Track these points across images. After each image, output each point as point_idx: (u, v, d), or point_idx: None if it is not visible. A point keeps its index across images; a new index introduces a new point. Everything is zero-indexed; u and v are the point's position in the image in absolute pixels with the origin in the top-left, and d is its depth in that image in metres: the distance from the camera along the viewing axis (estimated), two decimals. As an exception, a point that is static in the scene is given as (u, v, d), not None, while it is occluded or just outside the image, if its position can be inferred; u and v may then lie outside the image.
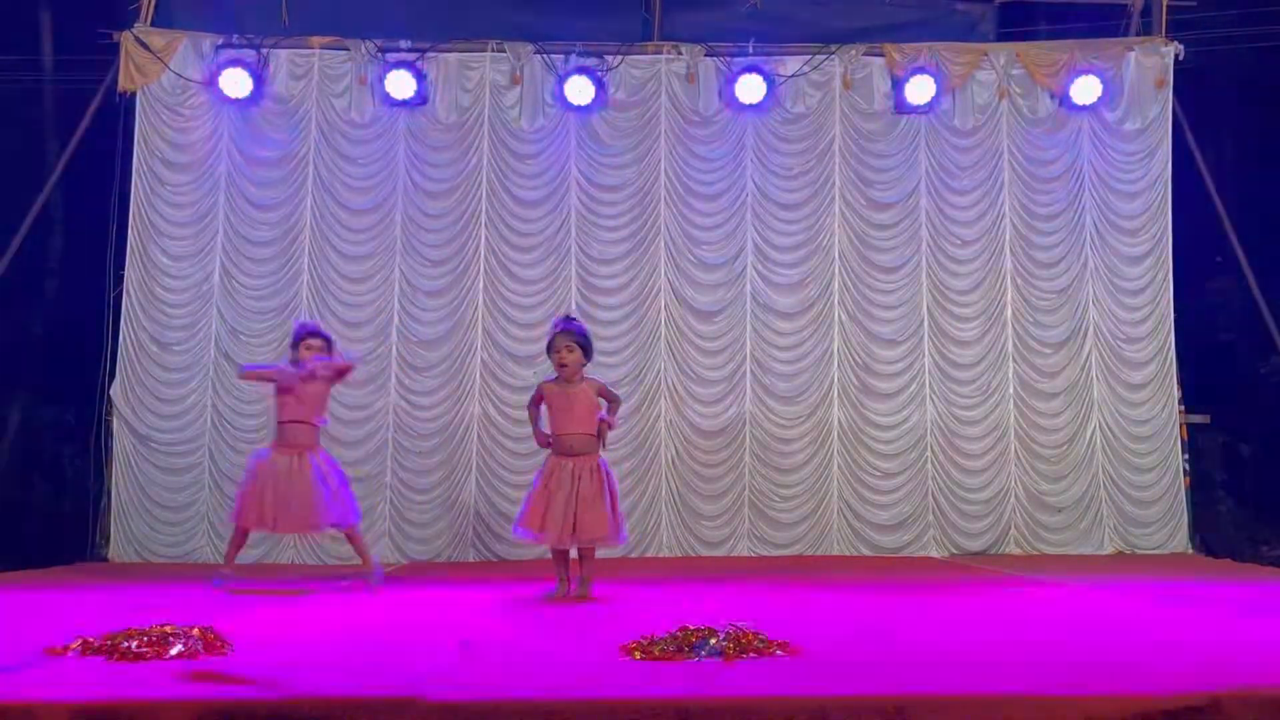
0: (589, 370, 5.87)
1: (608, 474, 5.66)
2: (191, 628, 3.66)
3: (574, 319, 6.06)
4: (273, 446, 6.31)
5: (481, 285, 8.78)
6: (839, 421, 8.79)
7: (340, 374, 6.48)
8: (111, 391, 8.46)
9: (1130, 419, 8.85)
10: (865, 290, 8.93)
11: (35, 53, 10.79)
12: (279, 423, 6.34)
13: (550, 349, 5.76)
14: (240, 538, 6.34)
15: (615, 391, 6.11)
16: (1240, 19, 9.87)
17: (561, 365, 5.69)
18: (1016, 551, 8.65)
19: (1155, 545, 8.69)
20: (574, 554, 5.77)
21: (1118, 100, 9.01)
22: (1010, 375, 8.88)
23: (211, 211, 8.71)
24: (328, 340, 6.46)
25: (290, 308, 8.64)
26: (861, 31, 9.09)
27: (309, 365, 6.25)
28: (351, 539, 6.52)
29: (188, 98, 8.74)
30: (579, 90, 8.69)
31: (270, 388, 6.48)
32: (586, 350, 5.75)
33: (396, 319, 8.72)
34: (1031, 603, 5.64)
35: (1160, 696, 2.88)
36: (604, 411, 5.78)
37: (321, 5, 8.90)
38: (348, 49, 8.86)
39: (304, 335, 6.40)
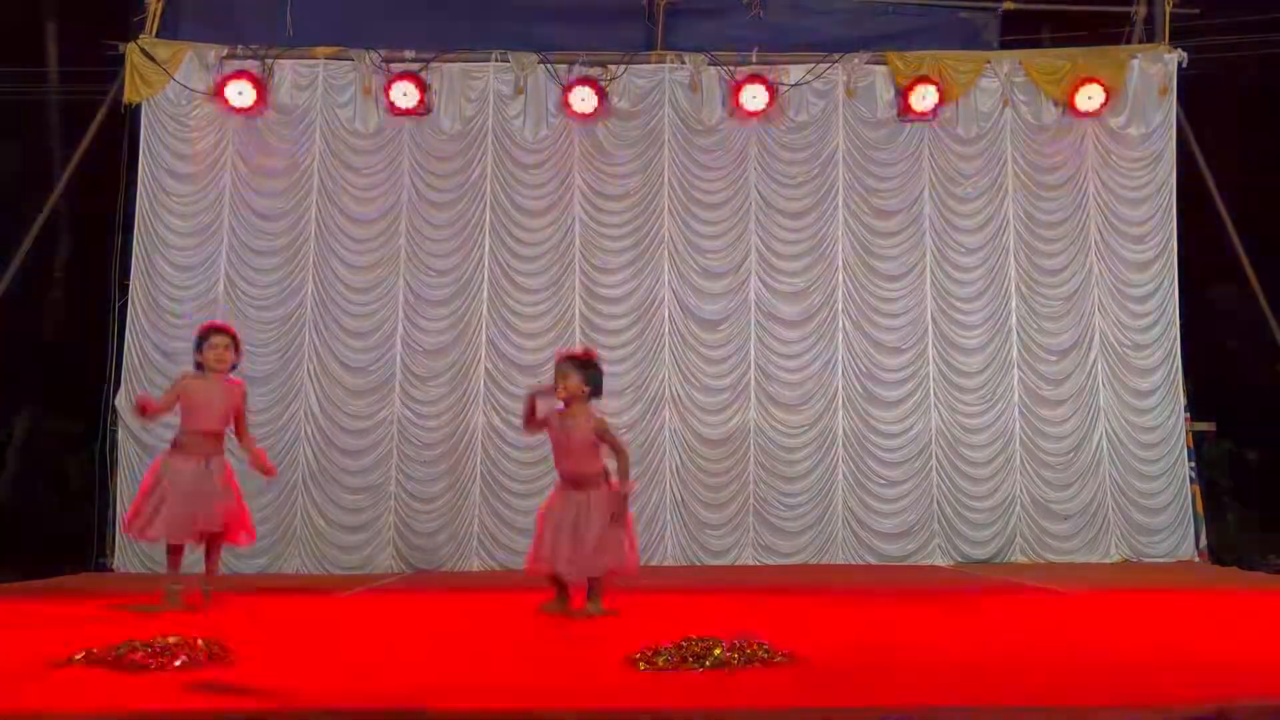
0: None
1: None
2: (195, 638, 3.64)
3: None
4: (175, 453, 5.72)
5: (486, 294, 8.79)
6: (843, 430, 8.77)
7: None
8: (116, 401, 8.46)
9: (1137, 426, 8.83)
10: (869, 298, 8.92)
11: (40, 64, 10.84)
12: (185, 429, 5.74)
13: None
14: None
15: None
16: (1242, 26, 9.86)
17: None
18: (1022, 560, 8.62)
19: (1163, 554, 8.66)
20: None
21: (1121, 107, 9.01)
22: (1015, 382, 8.86)
23: (216, 222, 8.72)
24: (233, 337, 5.84)
25: (295, 317, 8.65)
26: (864, 40, 9.10)
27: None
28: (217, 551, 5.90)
29: (192, 109, 8.77)
30: (582, 100, 8.70)
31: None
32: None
33: (401, 329, 8.73)
34: (1037, 611, 5.62)
35: (1167, 706, 2.86)
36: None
37: (326, 16, 8.94)
38: (352, 59, 8.88)
39: (206, 333, 5.79)
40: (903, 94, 8.81)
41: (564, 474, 5.26)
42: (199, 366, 5.79)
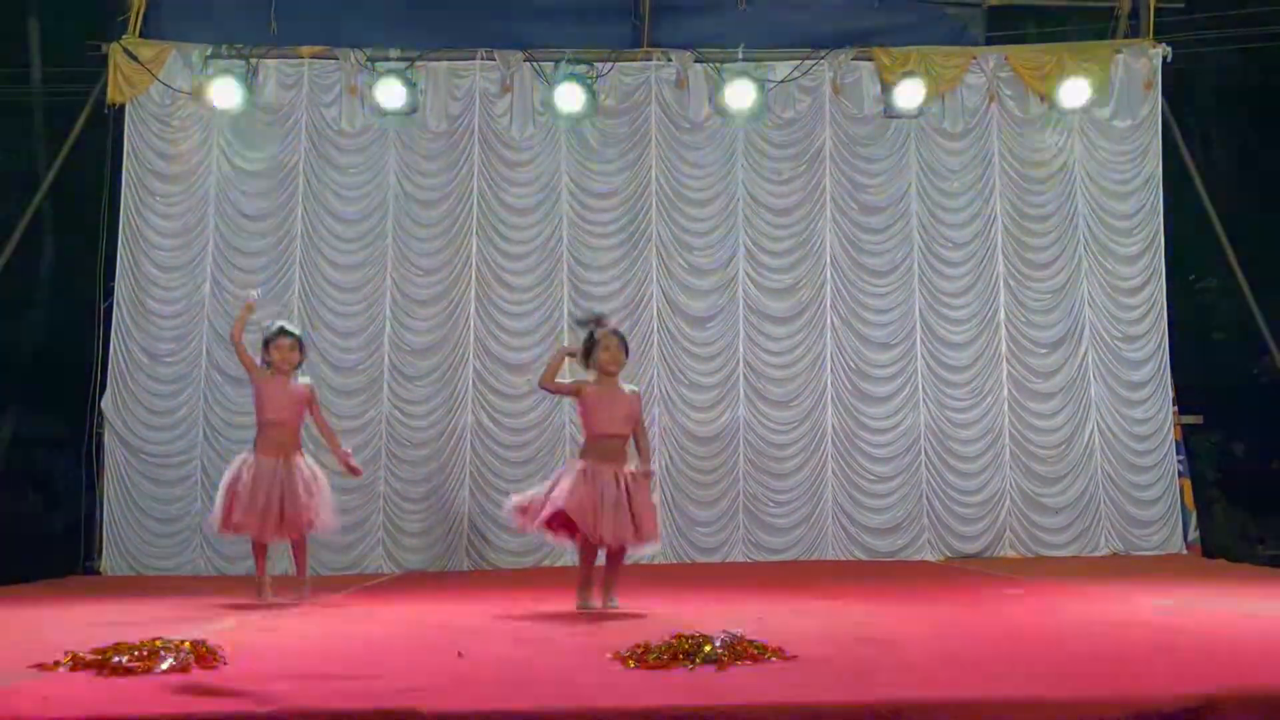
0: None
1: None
2: (182, 641, 3.62)
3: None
4: (255, 450, 5.98)
5: (473, 293, 8.77)
6: (832, 426, 8.78)
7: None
8: (103, 404, 8.42)
9: (1129, 418, 8.85)
10: (857, 294, 8.94)
11: (24, 65, 10.77)
12: (260, 423, 6.03)
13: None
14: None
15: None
16: (1226, 21, 9.91)
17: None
18: (1012, 554, 8.64)
19: (1154, 546, 8.68)
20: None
21: (1107, 102, 9.04)
22: (1004, 377, 8.88)
23: (201, 222, 8.69)
24: (298, 339, 6.13)
25: (281, 318, 8.58)
26: (851, 36, 9.11)
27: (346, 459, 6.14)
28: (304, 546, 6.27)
29: (177, 109, 8.72)
30: (569, 98, 8.68)
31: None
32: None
33: (388, 328, 8.71)
34: (1027, 605, 5.63)
35: (1156, 698, 2.87)
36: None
37: (310, 14, 8.90)
38: (337, 58, 8.85)
39: (274, 335, 6.06)
40: (889, 90, 8.82)
41: (599, 440, 5.39)
42: (267, 365, 6.07)
